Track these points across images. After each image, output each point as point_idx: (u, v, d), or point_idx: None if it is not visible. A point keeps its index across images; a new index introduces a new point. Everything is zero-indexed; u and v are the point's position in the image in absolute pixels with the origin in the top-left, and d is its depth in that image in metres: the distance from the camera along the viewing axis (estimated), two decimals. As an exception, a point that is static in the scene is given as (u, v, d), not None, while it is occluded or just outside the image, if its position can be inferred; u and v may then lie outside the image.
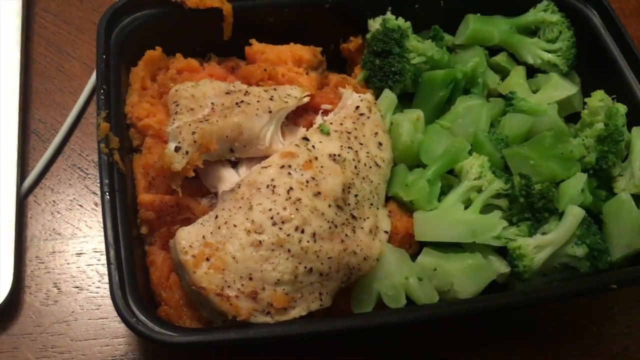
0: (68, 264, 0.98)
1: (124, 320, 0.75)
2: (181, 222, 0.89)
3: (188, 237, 0.82)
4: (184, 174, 0.87)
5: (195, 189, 0.93)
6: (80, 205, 1.04)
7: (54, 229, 1.01)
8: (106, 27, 0.98)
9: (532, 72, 1.20)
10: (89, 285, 0.97)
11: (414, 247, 0.97)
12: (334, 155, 0.90)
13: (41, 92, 1.12)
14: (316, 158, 0.88)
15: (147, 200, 0.88)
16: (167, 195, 0.90)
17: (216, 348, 0.92)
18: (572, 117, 1.15)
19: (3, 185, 0.99)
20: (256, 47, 1.08)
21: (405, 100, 1.13)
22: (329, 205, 0.85)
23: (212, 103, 0.94)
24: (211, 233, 0.82)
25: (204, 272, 0.79)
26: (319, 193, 0.85)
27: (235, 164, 0.93)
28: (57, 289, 0.95)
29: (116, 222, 0.83)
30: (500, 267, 0.97)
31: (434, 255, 0.95)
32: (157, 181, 0.91)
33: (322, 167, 0.87)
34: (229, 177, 0.91)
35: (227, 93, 0.96)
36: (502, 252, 0.98)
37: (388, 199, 1.00)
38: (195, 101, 0.94)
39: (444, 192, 1.01)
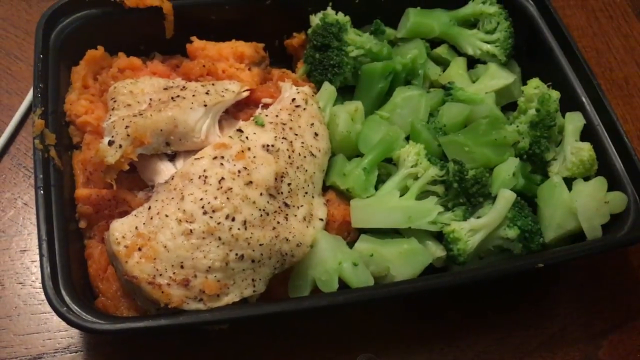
0: (12, 260, 0.98)
1: (53, 308, 0.77)
2: (119, 215, 0.90)
3: (121, 229, 0.83)
4: (118, 167, 0.89)
5: (134, 182, 0.95)
6: (25, 204, 1.05)
7: (-2, 227, 1.02)
8: (45, 27, 1.00)
9: (474, 62, 1.23)
10: (32, 281, 0.98)
11: (352, 234, 1.00)
12: (268, 145, 0.92)
13: None
14: (249, 149, 0.90)
15: (84, 194, 0.90)
16: (104, 189, 0.91)
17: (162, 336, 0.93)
18: (512, 105, 1.18)
19: None
20: (197, 45, 1.10)
21: (347, 93, 1.15)
22: (261, 194, 0.87)
23: (150, 99, 0.96)
24: (144, 224, 0.84)
25: (135, 261, 0.81)
26: (251, 182, 0.87)
27: (172, 158, 0.95)
28: (1, 285, 0.96)
29: (50, 216, 0.84)
30: (437, 251, 0.99)
31: (370, 241, 0.97)
32: (94, 176, 0.92)
33: (254, 157, 0.89)
34: (165, 170, 0.92)
35: (166, 89, 0.98)
36: (440, 237, 1.00)
37: (327, 188, 1.02)
38: (133, 97, 0.96)
39: (383, 181, 1.04)
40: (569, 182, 1.03)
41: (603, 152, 1.05)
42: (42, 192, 0.85)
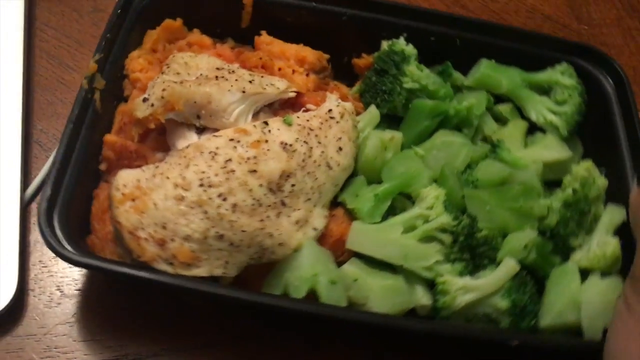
0: (70, 267, 1.01)
1: (39, 225, 0.83)
2: (136, 167, 0.96)
3: (126, 177, 0.89)
4: (145, 123, 0.95)
5: (160, 143, 1.00)
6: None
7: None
8: (131, -8, 1.08)
9: (536, 129, 1.19)
10: (91, 288, 1.03)
11: (347, 255, 0.99)
12: (286, 143, 0.94)
13: (43, 103, 1.17)
14: (266, 141, 0.93)
15: (111, 140, 0.97)
16: (130, 141, 0.98)
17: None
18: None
19: (7, 193, 1.03)
20: (264, 39, 1.15)
21: (396, 123, 1.15)
22: (260, 185, 0.89)
23: (200, 74, 1.02)
24: (146, 179, 0.88)
25: (125, 209, 0.86)
26: (255, 171, 0.89)
27: (201, 131, 1.00)
28: (60, 291, 0.99)
29: (71, 149, 0.91)
30: (422, 298, 0.96)
31: (358, 266, 0.96)
32: (127, 127, 0.99)
33: (268, 150, 0.92)
34: (188, 139, 0.97)
35: (218, 69, 1.04)
36: (433, 286, 0.97)
37: (338, 204, 1.02)
38: (186, 68, 1.02)
39: (396, 214, 1.03)
40: (585, 274, 0.97)
41: (634, 255, 0.98)
42: (71, 125, 0.92)
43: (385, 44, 1.17)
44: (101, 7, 1.27)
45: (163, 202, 0.86)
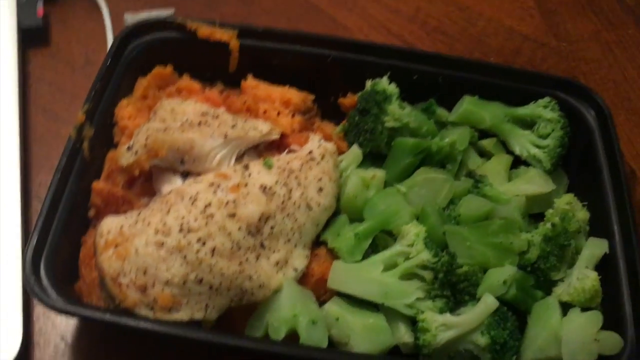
0: (73, 318, 1.02)
1: (22, 269, 0.86)
2: (123, 213, 0.99)
3: (110, 224, 0.92)
4: (130, 170, 0.98)
5: (147, 189, 1.04)
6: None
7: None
8: (120, 41, 1.13)
9: (521, 163, 1.20)
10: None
11: (329, 294, 1.01)
12: (265, 186, 0.97)
13: (40, 157, 1.19)
14: (246, 184, 0.96)
15: (98, 187, 1.00)
16: (118, 187, 1.01)
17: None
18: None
19: (8, 247, 1.04)
20: (250, 82, 1.18)
21: (381, 161, 1.18)
22: (239, 228, 0.92)
23: (186, 120, 1.06)
24: (129, 225, 0.92)
25: (108, 256, 0.89)
26: (234, 215, 0.92)
27: (185, 175, 1.03)
28: (65, 342, 1.01)
29: (59, 198, 0.95)
30: (404, 336, 0.97)
31: (341, 305, 0.98)
32: (114, 174, 1.03)
33: (248, 193, 0.95)
34: (173, 184, 1.00)
35: (203, 114, 1.07)
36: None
37: (321, 243, 1.04)
38: (172, 115, 1.06)
39: (378, 251, 1.04)
40: (567, 308, 0.97)
41: (617, 288, 0.98)
42: (58, 175, 0.96)
43: (368, 84, 1.20)
44: (93, 59, 1.32)
45: (144, 247, 0.89)
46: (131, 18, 1.38)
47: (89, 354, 1.01)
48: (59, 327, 1.02)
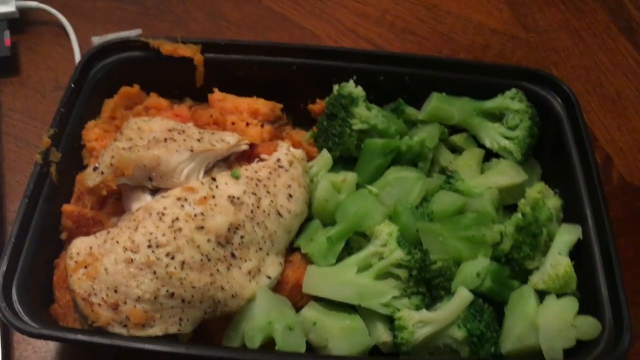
0: (52, 341, 1.02)
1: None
2: (94, 234, 0.99)
3: (79, 245, 0.92)
4: (97, 191, 0.99)
5: (120, 208, 1.04)
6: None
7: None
8: (85, 63, 1.14)
9: (494, 156, 1.20)
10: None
11: (306, 299, 1.01)
12: (233, 197, 0.97)
13: (14, 185, 1.20)
14: (213, 196, 0.96)
15: (68, 210, 1.01)
16: (88, 209, 1.02)
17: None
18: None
19: None
20: (216, 96, 1.19)
21: (352, 164, 1.18)
22: (208, 240, 0.92)
23: (153, 137, 1.06)
24: (98, 245, 0.92)
25: (78, 277, 0.89)
26: (202, 227, 0.92)
27: (155, 192, 1.03)
28: None
29: (28, 222, 0.95)
30: (383, 335, 0.97)
31: (317, 309, 0.98)
32: (84, 196, 1.03)
33: (215, 205, 0.95)
34: (143, 201, 1.01)
35: (170, 130, 1.08)
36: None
37: (295, 249, 1.04)
38: (139, 133, 1.06)
39: (353, 253, 1.04)
40: (543, 295, 0.97)
41: (592, 273, 0.98)
42: (26, 200, 0.96)
43: (335, 89, 1.20)
44: (62, 84, 1.33)
45: (113, 266, 0.89)
46: (99, 40, 1.39)
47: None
48: (39, 351, 1.02)
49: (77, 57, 1.39)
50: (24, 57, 1.39)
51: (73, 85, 1.11)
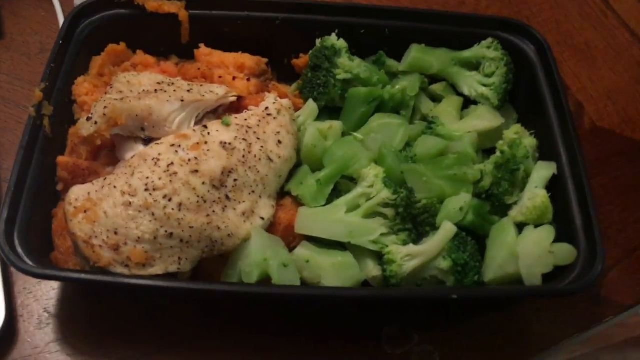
0: (54, 289, 1.07)
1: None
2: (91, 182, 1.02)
3: (77, 192, 0.95)
4: (91, 141, 1.01)
5: (113, 159, 1.07)
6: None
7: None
8: (71, 21, 1.15)
9: (472, 103, 1.25)
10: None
11: (298, 240, 1.05)
12: (225, 143, 1.00)
13: (6, 144, 1.22)
14: (206, 142, 0.99)
15: (64, 161, 1.03)
16: (83, 159, 1.04)
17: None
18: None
19: None
20: (203, 51, 1.21)
21: (337, 113, 1.22)
22: (203, 183, 0.96)
23: (143, 90, 1.08)
24: (96, 191, 0.95)
25: (78, 221, 0.92)
26: (197, 171, 0.96)
27: (147, 142, 1.06)
28: (48, 313, 1.05)
29: (25, 173, 0.98)
30: (373, 270, 1.02)
31: (309, 248, 1.02)
32: (78, 147, 1.05)
33: (208, 150, 0.98)
34: (136, 150, 1.03)
35: (158, 84, 1.10)
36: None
37: (285, 194, 1.09)
38: (129, 86, 1.09)
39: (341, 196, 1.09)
40: (522, 227, 1.03)
41: (567, 204, 1.04)
42: (22, 151, 0.98)
43: (318, 42, 1.24)
44: (48, 47, 1.34)
45: (112, 209, 0.92)
46: (82, 2, 1.39)
47: (73, 321, 1.04)
48: (41, 300, 1.05)
49: (61, 20, 1.39)
50: (8, 22, 1.40)
51: (61, 42, 1.12)
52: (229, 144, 1.00)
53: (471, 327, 1.08)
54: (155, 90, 1.06)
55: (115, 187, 0.94)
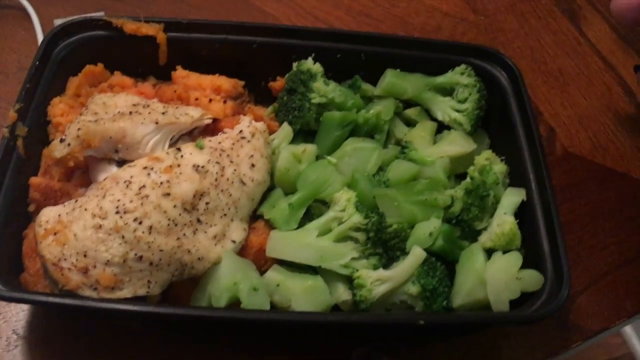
0: (23, 311, 1.06)
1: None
2: (62, 204, 1.02)
3: (48, 214, 0.95)
4: (64, 162, 1.02)
5: (87, 180, 1.07)
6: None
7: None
8: (49, 42, 1.16)
9: (445, 128, 1.27)
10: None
11: (270, 263, 1.06)
12: (198, 166, 1.01)
13: None
14: (179, 165, 1.00)
15: (35, 182, 1.03)
16: (55, 181, 1.04)
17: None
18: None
19: None
20: (180, 73, 1.22)
21: (312, 137, 1.23)
22: (175, 206, 0.96)
23: (118, 112, 1.09)
24: (67, 213, 0.95)
25: (47, 243, 0.92)
26: (168, 194, 0.96)
27: (121, 164, 1.06)
28: (16, 334, 1.04)
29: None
30: (343, 294, 1.03)
31: (280, 272, 1.03)
32: (51, 168, 1.06)
33: (181, 173, 0.99)
34: (109, 172, 1.04)
35: (134, 105, 1.11)
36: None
37: (258, 217, 1.09)
38: (104, 108, 1.09)
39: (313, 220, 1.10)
40: (491, 253, 1.04)
41: (535, 231, 1.06)
42: (-6, 172, 0.99)
43: (294, 66, 1.25)
44: (25, 65, 1.32)
45: (82, 232, 0.92)
46: (61, 23, 1.40)
47: (42, 343, 1.04)
48: (10, 321, 1.05)
49: (40, 39, 1.40)
50: (-14, 41, 1.41)
51: (38, 63, 1.13)
52: (202, 167, 1.01)
53: (440, 351, 1.09)
54: (130, 112, 1.07)
55: (86, 209, 0.94)
